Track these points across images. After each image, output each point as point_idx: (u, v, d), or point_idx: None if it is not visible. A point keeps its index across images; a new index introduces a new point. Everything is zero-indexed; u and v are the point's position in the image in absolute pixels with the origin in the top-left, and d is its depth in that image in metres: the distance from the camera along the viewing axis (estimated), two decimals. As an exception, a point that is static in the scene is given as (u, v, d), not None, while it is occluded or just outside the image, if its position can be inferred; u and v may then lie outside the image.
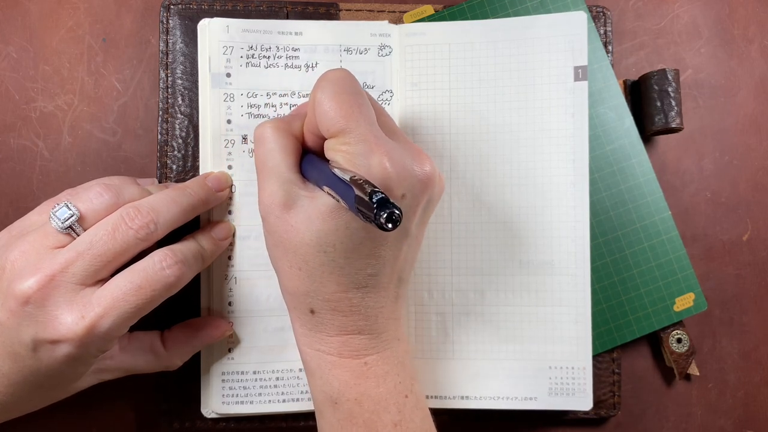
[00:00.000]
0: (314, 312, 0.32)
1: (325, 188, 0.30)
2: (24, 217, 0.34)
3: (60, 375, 0.32)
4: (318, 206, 0.30)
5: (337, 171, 0.29)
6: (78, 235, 0.32)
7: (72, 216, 0.31)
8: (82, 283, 0.31)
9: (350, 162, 0.29)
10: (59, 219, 0.31)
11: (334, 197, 0.29)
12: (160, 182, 0.39)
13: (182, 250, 0.33)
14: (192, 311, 0.39)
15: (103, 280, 0.31)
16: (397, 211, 0.25)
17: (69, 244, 0.31)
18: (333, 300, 0.32)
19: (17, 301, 0.30)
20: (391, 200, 0.25)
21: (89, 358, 0.32)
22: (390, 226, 0.25)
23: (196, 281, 0.38)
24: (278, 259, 0.33)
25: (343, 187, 0.28)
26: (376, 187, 0.26)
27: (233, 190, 0.39)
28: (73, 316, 0.30)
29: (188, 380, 0.39)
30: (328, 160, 0.31)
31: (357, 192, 0.26)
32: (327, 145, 0.31)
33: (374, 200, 0.25)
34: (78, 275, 0.31)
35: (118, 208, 0.32)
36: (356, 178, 0.27)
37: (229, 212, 0.39)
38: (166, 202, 0.33)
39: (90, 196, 0.32)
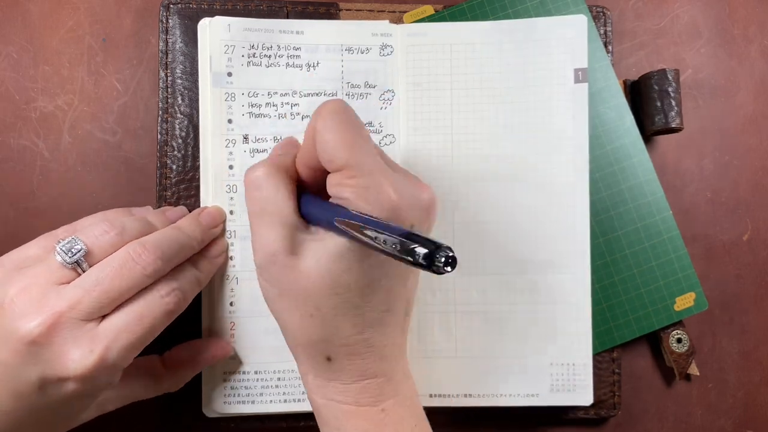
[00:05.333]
0: (331, 359, 0.31)
1: (357, 234, 0.28)
2: (17, 249, 0.33)
3: (66, 410, 0.32)
4: (328, 247, 0.29)
5: (351, 211, 0.28)
6: (84, 271, 0.31)
7: (80, 251, 0.31)
8: (87, 318, 0.30)
9: (361, 196, 0.28)
10: (67, 253, 0.31)
11: (363, 241, 0.27)
12: (159, 184, 0.39)
13: (179, 278, 0.34)
14: (193, 311, 0.38)
15: (105, 314, 0.31)
16: (451, 253, 0.24)
17: (74, 280, 0.31)
18: (350, 343, 0.31)
19: (22, 341, 0.29)
20: (441, 243, 0.24)
21: (96, 391, 0.32)
22: (449, 269, 0.24)
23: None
24: (285, 311, 0.31)
25: (378, 232, 0.26)
26: (424, 237, 0.25)
27: (234, 191, 0.38)
28: (81, 351, 0.30)
29: (189, 380, 0.39)
30: (329, 197, 0.30)
31: (403, 240, 0.25)
32: (331, 180, 0.30)
33: (434, 248, 0.24)
34: (84, 312, 0.30)
35: (123, 245, 0.32)
36: (390, 224, 0.26)
37: (230, 212, 0.39)
38: (168, 241, 0.33)
39: (96, 232, 0.32)
